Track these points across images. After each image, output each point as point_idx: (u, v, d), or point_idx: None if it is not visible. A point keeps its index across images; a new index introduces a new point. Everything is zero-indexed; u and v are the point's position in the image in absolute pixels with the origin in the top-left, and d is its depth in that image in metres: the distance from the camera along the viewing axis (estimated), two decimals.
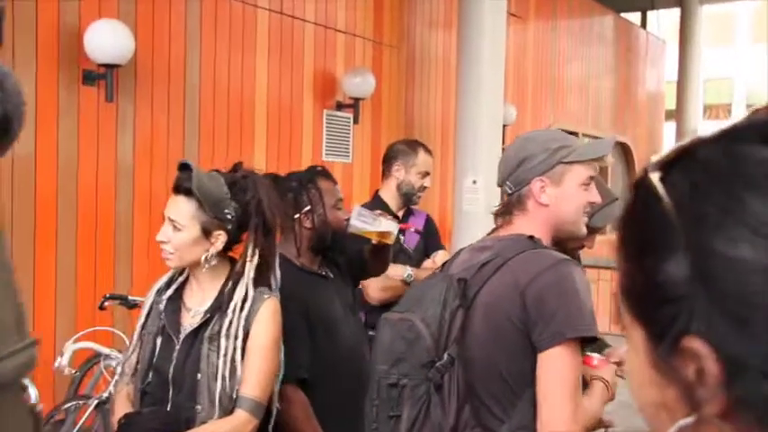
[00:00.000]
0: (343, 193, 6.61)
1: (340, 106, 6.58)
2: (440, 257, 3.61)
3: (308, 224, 2.42)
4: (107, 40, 4.60)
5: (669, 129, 14.26)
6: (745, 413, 0.52)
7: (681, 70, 13.10)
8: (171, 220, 2.06)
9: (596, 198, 1.90)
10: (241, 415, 2.00)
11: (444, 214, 7.68)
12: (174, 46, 5.28)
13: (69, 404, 3.77)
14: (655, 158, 0.60)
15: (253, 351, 2.03)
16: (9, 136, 0.73)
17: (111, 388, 3.61)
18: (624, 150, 11.95)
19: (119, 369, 2.18)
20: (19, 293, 0.73)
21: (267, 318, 2.07)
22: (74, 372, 3.79)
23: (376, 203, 3.61)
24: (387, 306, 3.09)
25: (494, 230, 1.98)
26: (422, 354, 1.74)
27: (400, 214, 3.68)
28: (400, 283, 3.38)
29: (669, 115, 14.00)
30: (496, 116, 6.64)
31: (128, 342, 3.56)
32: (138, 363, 2.12)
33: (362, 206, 3.14)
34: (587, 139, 9.99)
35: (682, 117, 13.17)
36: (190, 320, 2.09)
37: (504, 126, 7.22)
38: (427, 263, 3.63)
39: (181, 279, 2.17)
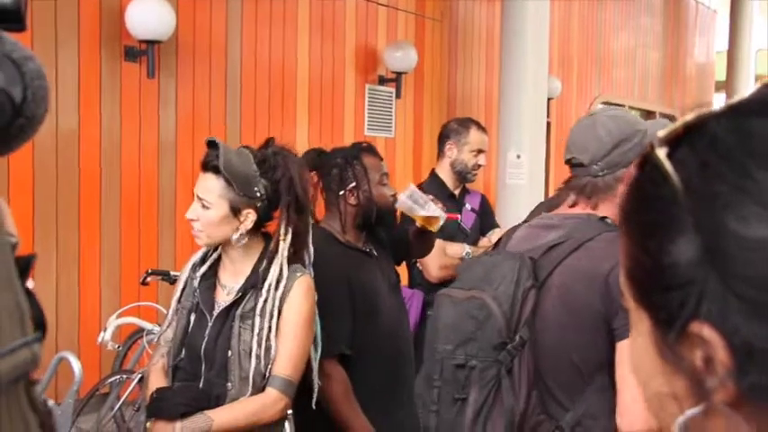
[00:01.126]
0: (387, 168, 6.61)
1: (382, 81, 6.52)
2: (495, 236, 3.59)
3: (352, 201, 2.39)
4: (148, 16, 4.59)
5: (719, 100, 13.92)
6: (757, 401, 0.50)
7: (731, 40, 12.73)
8: (199, 198, 2.03)
9: None
10: (271, 393, 1.99)
11: (488, 188, 7.58)
12: (215, 21, 5.26)
13: (113, 378, 3.81)
14: (661, 133, 0.56)
15: (285, 329, 2.02)
16: (31, 120, 0.71)
17: None
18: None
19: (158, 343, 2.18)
20: (21, 288, 0.70)
21: (300, 296, 2.05)
22: (117, 346, 3.82)
23: (433, 182, 3.61)
24: (446, 284, 3.09)
25: (550, 207, 1.91)
26: (493, 334, 1.66)
27: (457, 192, 3.67)
28: (459, 261, 3.37)
29: (719, 86, 13.65)
30: (541, 89, 6.51)
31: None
32: (170, 333, 2.13)
33: (420, 185, 3.12)
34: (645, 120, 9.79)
35: (732, 88, 12.81)
36: (224, 297, 2.08)
37: (548, 99, 7.10)
38: (483, 241, 3.63)
39: (215, 255, 2.15)
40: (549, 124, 7.63)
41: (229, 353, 1.99)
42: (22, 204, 4.27)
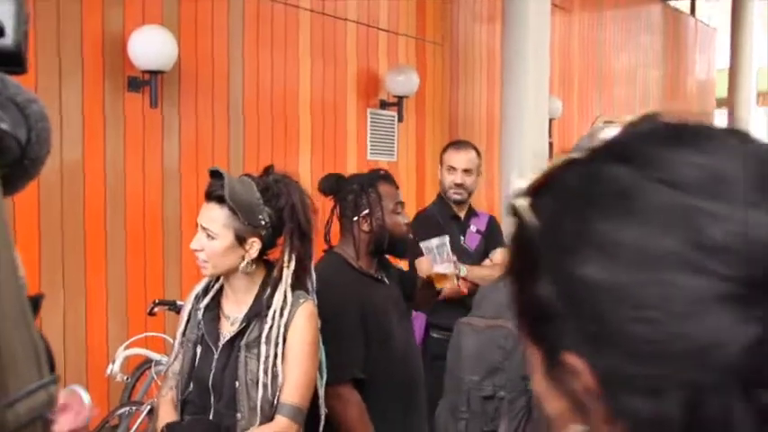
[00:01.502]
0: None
1: (384, 105, 6.54)
2: (497, 256, 3.60)
3: (365, 227, 2.41)
4: (151, 46, 4.62)
5: (720, 117, 13.94)
6: (622, 422, 0.54)
7: (733, 57, 12.77)
8: (204, 228, 2.04)
9: None
10: (281, 421, 1.99)
11: (492, 210, 7.58)
12: (216, 50, 5.29)
13: (122, 410, 3.80)
14: (524, 183, 0.62)
15: (291, 356, 2.01)
16: (35, 161, 0.72)
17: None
18: None
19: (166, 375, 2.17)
20: (36, 326, 0.70)
21: (304, 322, 2.05)
22: (126, 378, 3.81)
23: (437, 204, 3.74)
24: (440, 305, 3.09)
25: None
26: (521, 364, 1.62)
27: (462, 214, 3.72)
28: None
29: (720, 103, 13.68)
30: (542, 110, 6.53)
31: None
32: (176, 366, 2.13)
33: (427, 208, 3.15)
34: None
35: (733, 105, 12.83)
36: (228, 328, 2.08)
37: (550, 120, 7.11)
38: (486, 262, 3.64)
39: (217, 286, 2.15)
40: (551, 145, 7.64)
41: (237, 383, 1.99)
42: (27, 237, 4.28)
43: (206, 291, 2.15)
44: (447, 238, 2.66)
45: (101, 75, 4.65)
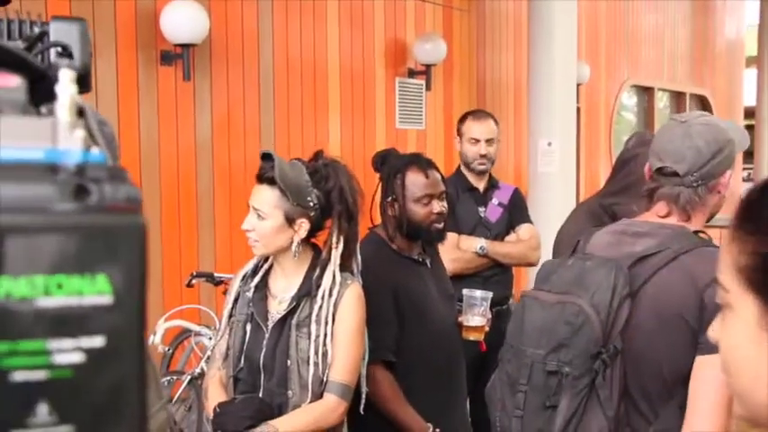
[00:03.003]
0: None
1: (412, 73, 6.55)
2: (523, 231, 3.58)
3: (391, 212, 2.43)
4: (182, 20, 4.66)
5: (750, 76, 13.71)
6: None
7: (762, 14, 12.52)
8: (255, 209, 2.10)
9: None
10: (331, 399, 2.05)
11: (519, 177, 7.60)
12: (246, 22, 5.32)
13: (163, 379, 3.92)
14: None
15: (340, 336, 2.07)
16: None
17: (202, 363, 3.74)
18: (702, 103, 11.57)
19: (209, 353, 2.23)
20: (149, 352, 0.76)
21: (352, 303, 2.11)
22: (166, 348, 3.93)
23: (455, 176, 3.65)
24: (458, 277, 3.09)
25: (636, 214, 1.87)
26: (589, 342, 1.63)
27: (481, 186, 3.66)
28: (472, 254, 3.38)
29: (750, 62, 13.44)
30: (570, 75, 6.51)
31: (216, 319, 3.67)
32: (228, 348, 2.17)
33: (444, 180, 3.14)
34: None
35: (764, 64, 12.61)
36: (277, 307, 2.13)
37: (578, 85, 7.08)
38: (510, 237, 3.61)
39: (266, 266, 2.21)
40: (578, 110, 7.61)
41: (288, 362, 2.05)
42: None
43: (255, 271, 2.21)
44: (491, 295, 2.61)
45: (134, 49, 4.71)
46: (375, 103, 6.31)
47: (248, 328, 2.13)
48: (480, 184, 3.66)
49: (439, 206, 2.43)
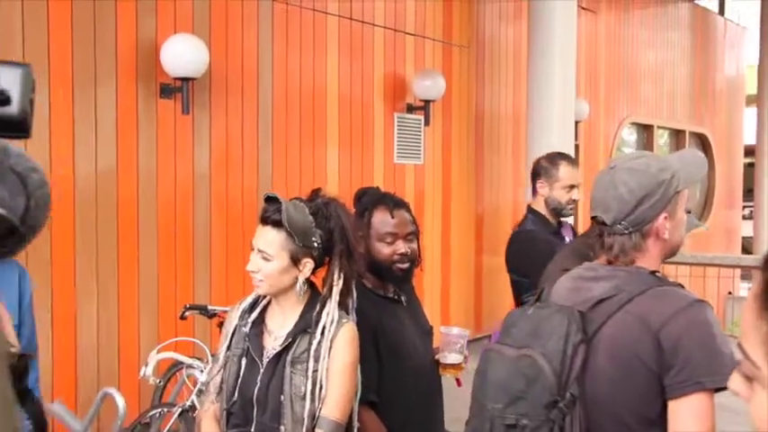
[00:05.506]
0: (415, 193, 6.65)
1: (411, 109, 6.60)
2: None
3: (361, 249, 2.43)
4: (182, 54, 4.72)
5: (750, 114, 13.77)
6: None
7: (762, 53, 12.62)
8: (260, 251, 2.12)
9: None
10: None
11: (517, 212, 7.61)
12: (246, 56, 5.38)
13: (154, 411, 3.90)
14: None
15: (333, 373, 2.09)
16: (33, 228, 0.76)
17: (193, 396, 3.72)
18: (702, 142, 11.62)
19: (200, 386, 2.23)
20: (15, 408, 0.73)
21: (347, 341, 2.13)
22: (158, 380, 3.91)
23: (535, 220, 3.59)
24: None
25: (578, 252, 1.92)
26: (543, 392, 1.65)
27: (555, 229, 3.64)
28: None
29: (750, 101, 13.51)
30: (569, 112, 6.55)
31: (208, 353, 3.66)
32: (221, 383, 2.19)
33: (521, 223, 3.15)
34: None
35: (764, 102, 12.68)
36: (272, 343, 2.15)
37: (576, 122, 7.12)
38: None
39: (264, 302, 2.23)
40: (577, 147, 7.65)
41: (282, 397, 2.07)
42: (63, 239, 4.39)
43: (252, 307, 2.22)
44: (467, 333, 2.60)
45: (134, 81, 4.76)
46: (374, 138, 6.35)
47: (243, 362, 2.15)
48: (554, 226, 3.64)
49: (404, 246, 2.40)
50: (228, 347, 2.19)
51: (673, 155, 1.99)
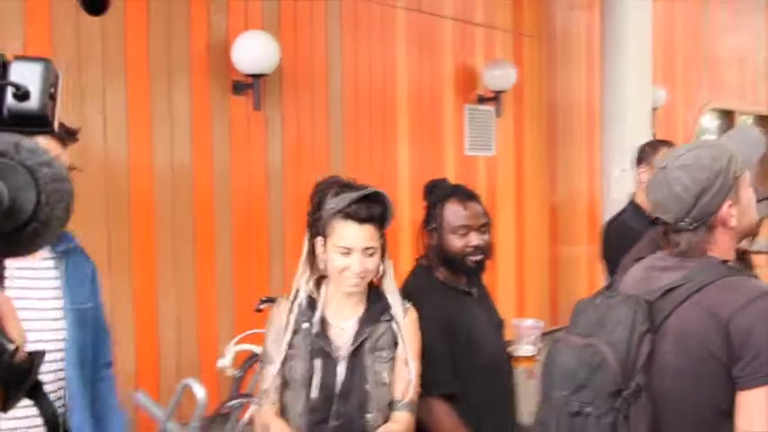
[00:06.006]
0: (487, 185, 6.61)
1: (481, 100, 6.55)
2: None
3: (431, 241, 2.42)
4: (253, 51, 4.79)
5: None
6: None
7: None
8: (366, 250, 2.11)
9: (755, 194, 1.81)
10: (406, 416, 2.13)
11: (593, 203, 7.49)
12: (316, 51, 5.43)
13: (233, 402, 3.97)
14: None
15: (408, 356, 2.14)
16: (47, 224, 0.75)
17: None
18: None
19: (262, 387, 2.19)
20: None
21: (413, 325, 2.19)
22: (235, 372, 3.99)
23: (634, 211, 3.52)
24: None
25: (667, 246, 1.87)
26: (607, 381, 1.64)
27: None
28: None
29: None
30: (644, 99, 6.40)
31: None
32: (282, 382, 2.16)
33: (620, 215, 3.05)
34: (738, 127, 9.37)
35: None
36: (343, 337, 2.15)
37: (653, 109, 6.95)
38: None
39: (323, 299, 2.19)
40: (654, 136, 7.47)
41: (367, 386, 2.10)
42: (143, 235, 4.52)
43: (311, 305, 2.18)
44: (541, 324, 2.56)
45: (207, 79, 4.86)
46: (444, 130, 6.33)
47: (316, 360, 2.13)
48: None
49: (477, 239, 2.38)
50: (291, 346, 2.14)
51: (726, 137, 1.92)
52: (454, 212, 2.38)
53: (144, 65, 4.56)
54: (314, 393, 2.11)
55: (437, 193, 2.44)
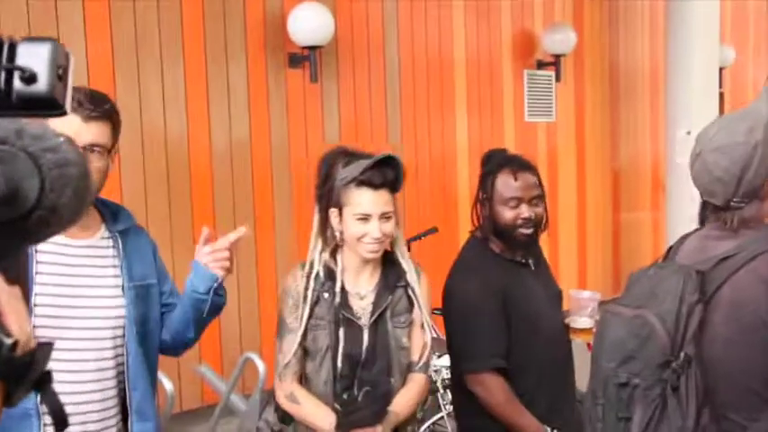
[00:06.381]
0: (548, 152, 6.50)
1: (541, 65, 6.42)
2: None
3: (483, 212, 2.38)
4: (309, 23, 4.76)
5: None
6: None
7: None
8: (384, 214, 2.12)
9: None
10: (422, 377, 2.20)
11: (656, 167, 7.31)
12: (371, 22, 5.37)
13: None
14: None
15: (424, 318, 2.20)
16: (54, 211, 0.72)
17: None
18: None
19: (283, 358, 2.20)
20: None
21: (427, 288, 2.24)
22: None
23: None
24: None
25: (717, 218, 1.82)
26: (656, 352, 1.62)
27: None
28: None
29: None
30: (712, 59, 6.17)
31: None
32: (305, 353, 2.17)
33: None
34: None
35: None
36: (363, 304, 2.18)
37: (721, 69, 6.71)
38: None
39: (340, 268, 2.20)
40: (721, 95, 7.22)
41: (390, 352, 2.15)
42: (203, 209, 4.58)
43: (330, 275, 2.18)
44: (599, 296, 2.48)
45: (263, 52, 4.86)
46: (503, 97, 6.23)
47: (340, 328, 2.14)
48: None
49: (528, 211, 2.30)
50: (311, 316, 2.15)
51: (757, 103, 1.80)
52: (505, 183, 2.32)
53: (200, 40, 4.58)
54: (340, 362, 2.12)
55: (491, 163, 2.39)
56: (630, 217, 7.44)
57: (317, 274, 2.17)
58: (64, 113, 0.75)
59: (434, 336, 2.27)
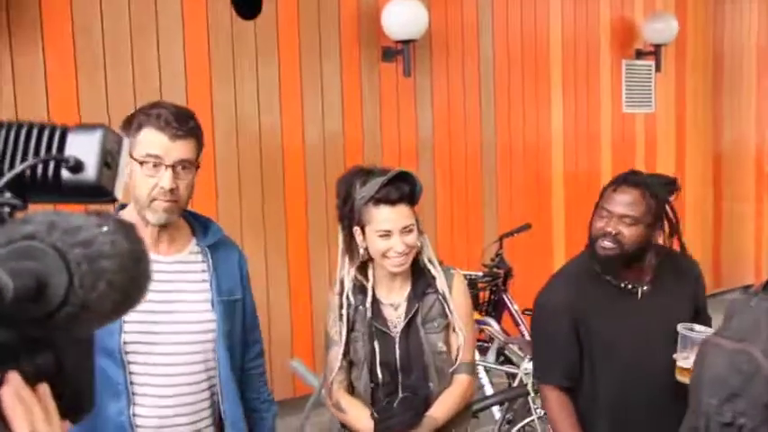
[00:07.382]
0: (646, 144, 6.30)
1: (640, 54, 6.22)
2: None
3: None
4: (403, 16, 4.74)
5: None
6: None
7: None
8: (405, 228, 2.16)
9: None
10: (465, 378, 2.24)
11: (761, 155, 7.03)
12: (466, 14, 5.30)
13: None
14: None
15: (459, 320, 2.22)
16: (84, 307, 0.70)
17: None
18: None
19: (329, 369, 2.29)
20: None
21: (462, 289, 2.27)
22: None
23: None
24: None
25: None
26: (763, 391, 1.53)
27: None
28: None
29: None
30: None
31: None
32: (350, 363, 2.26)
33: None
34: None
35: None
36: (394, 314, 2.24)
37: None
38: None
39: (372, 281, 2.26)
40: None
41: (425, 357, 2.19)
42: (296, 205, 4.63)
43: (362, 288, 2.25)
44: (711, 331, 2.30)
45: (357, 46, 4.86)
46: (600, 87, 6.06)
47: (376, 339, 2.22)
48: None
49: (614, 226, 2.22)
50: (353, 329, 2.24)
51: None
52: (608, 196, 2.28)
53: (294, 35, 4.61)
54: (379, 371, 2.20)
55: (616, 178, 2.33)
56: (733, 206, 7.17)
57: (348, 292, 2.25)
58: (114, 200, 0.77)
59: (464, 336, 2.26)
